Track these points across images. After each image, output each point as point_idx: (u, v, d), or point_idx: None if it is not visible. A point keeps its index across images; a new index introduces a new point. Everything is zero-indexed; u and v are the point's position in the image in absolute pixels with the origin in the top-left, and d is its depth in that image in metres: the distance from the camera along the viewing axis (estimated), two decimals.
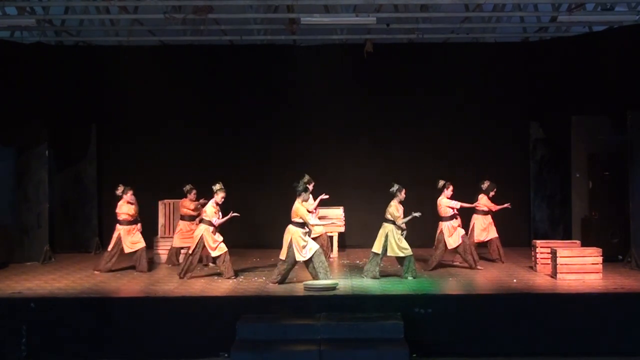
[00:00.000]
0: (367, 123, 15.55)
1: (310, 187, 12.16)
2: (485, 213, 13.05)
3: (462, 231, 12.44)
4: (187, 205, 13.21)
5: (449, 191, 12.42)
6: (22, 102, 13.96)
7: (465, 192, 13.78)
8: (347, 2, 13.30)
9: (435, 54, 15.50)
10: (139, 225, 12.63)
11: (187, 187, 13.23)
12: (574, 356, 9.63)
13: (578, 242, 12.61)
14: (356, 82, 15.50)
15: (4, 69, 13.71)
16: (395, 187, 11.64)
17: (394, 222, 11.47)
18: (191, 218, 13.18)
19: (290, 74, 15.53)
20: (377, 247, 11.60)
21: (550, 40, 15.26)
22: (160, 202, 14.08)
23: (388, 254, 11.56)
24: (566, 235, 14.24)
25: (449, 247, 12.41)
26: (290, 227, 11.08)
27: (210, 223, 11.56)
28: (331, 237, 13.95)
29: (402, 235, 11.50)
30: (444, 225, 12.41)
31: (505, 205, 13.02)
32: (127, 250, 12.43)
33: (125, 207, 12.51)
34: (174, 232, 13.61)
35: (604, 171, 13.54)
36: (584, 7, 13.41)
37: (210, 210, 11.58)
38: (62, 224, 15.14)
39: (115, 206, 12.68)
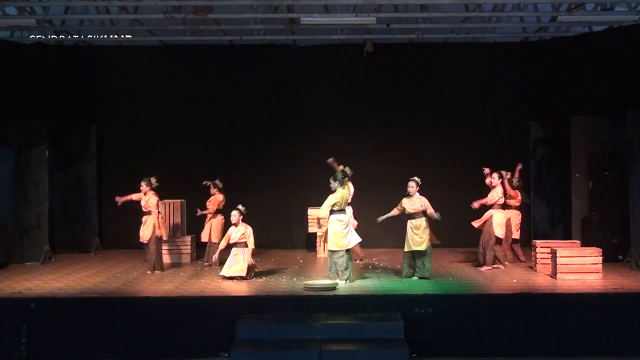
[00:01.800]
0: (366, 123, 15.54)
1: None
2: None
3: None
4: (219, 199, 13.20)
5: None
6: (22, 102, 13.94)
7: (464, 192, 13.75)
8: (347, 2, 13.29)
9: (435, 54, 15.49)
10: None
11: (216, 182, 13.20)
12: (574, 356, 9.62)
13: (578, 242, 12.60)
14: (356, 82, 15.49)
15: (4, 69, 13.69)
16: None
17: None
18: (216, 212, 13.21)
19: (290, 73, 15.52)
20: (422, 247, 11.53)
21: (550, 40, 15.25)
22: (160, 202, 14.03)
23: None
24: (566, 235, 14.24)
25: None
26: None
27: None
28: None
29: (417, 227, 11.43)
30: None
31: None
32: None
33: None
34: (173, 232, 13.62)
35: (604, 171, 13.53)
36: (584, 7, 13.41)
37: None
38: (62, 224, 15.14)
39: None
